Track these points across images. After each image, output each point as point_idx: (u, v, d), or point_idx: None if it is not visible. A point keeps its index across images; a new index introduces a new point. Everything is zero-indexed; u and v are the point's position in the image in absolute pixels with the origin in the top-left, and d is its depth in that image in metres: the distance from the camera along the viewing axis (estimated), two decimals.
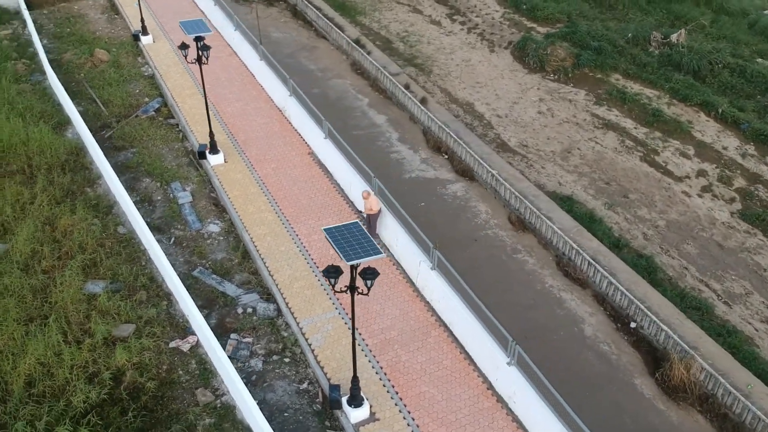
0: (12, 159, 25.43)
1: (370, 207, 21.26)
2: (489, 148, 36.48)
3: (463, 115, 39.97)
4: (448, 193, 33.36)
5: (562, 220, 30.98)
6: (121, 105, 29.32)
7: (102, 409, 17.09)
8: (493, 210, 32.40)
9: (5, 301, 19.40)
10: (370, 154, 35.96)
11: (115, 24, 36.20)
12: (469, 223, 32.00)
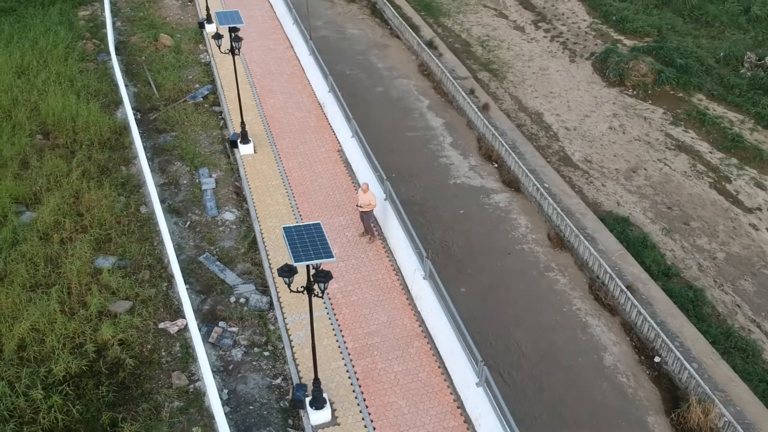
0: (59, 133, 26.77)
1: (368, 201, 21.00)
2: (543, 161, 35.49)
3: (529, 125, 39.06)
4: (491, 203, 32.70)
5: (606, 242, 29.79)
6: (173, 89, 30.31)
7: (80, 380, 17.71)
8: (533, 224, 31.54)
9: (17, 266, 20.42)
10: (419, 157, 35.67)
11: (186, 11, 37.46)
12: (506, 235, 31.26)
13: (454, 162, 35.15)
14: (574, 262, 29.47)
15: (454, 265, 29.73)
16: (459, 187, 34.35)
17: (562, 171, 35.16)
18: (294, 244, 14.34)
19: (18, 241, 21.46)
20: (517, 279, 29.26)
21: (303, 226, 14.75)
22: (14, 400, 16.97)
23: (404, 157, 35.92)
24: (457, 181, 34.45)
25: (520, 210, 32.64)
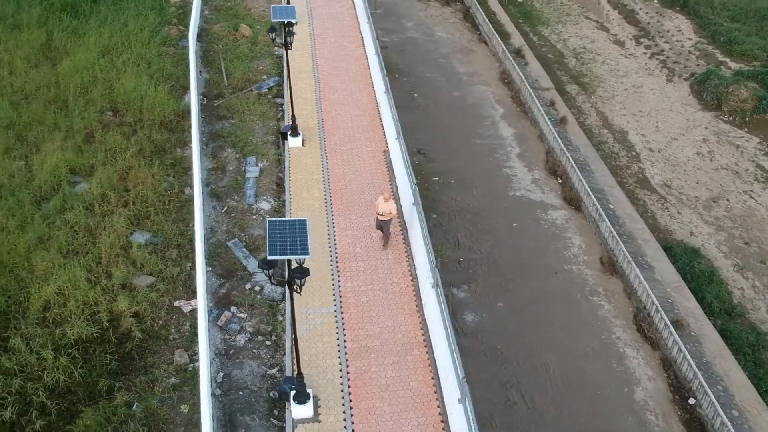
0: (127, 111, 28.25)
1: (389, 210, 20.83)
2: (613, 181, 34.40)
3: (611, 143, 37.89)
4: (547, 219, 31.97)
5: (663, 272, 28.62)
6: (241, 78, 31.30)
7: (89, 345, 18.69)
8: (587, 246, 30.61)
9: (59, 232, 21.76)
10: (482, 165, 35.24)
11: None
12: (557, 253, 30.50)
13: (517, 174, 34.49)
14: (623, 289, 28.39)
15: (496, 278, 29.18)
16: (517, 199, 33.67)
17: (637, 194, 33.86)
18: (274, 238, 14.53)
19: (65, 209, 22.80)
20: (559, 300, 28.41)
21: (288, 221, 14.93)
22: (26, 357, 18.08)
23: (468, 164, 35.54)
24: (517, 193, 33.78)
25: (576, 229, 31.69)
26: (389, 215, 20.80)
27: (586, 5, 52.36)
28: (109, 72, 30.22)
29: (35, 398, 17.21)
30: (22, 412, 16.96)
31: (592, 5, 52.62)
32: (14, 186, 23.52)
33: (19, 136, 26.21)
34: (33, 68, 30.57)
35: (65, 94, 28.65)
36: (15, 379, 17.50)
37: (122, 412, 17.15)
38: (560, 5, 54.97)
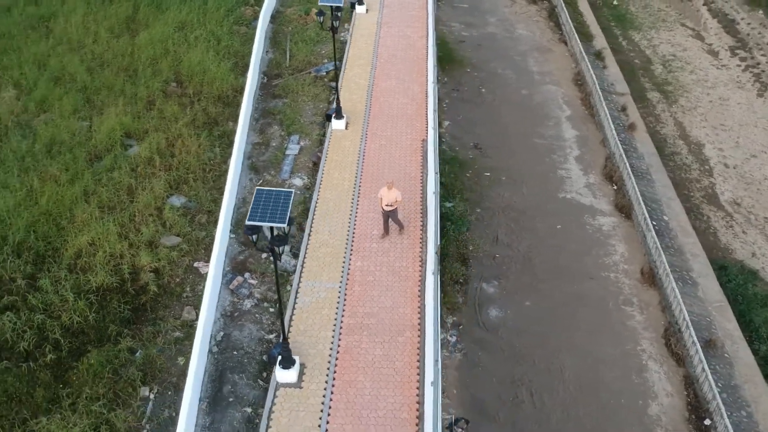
0: (190, 84, 29.92)
1: (394, 198, 20.98)
2: (674, 193, 33.67)
3: (684, 155, 36.98)
4: (594, 225, 31.60)
5: (708, 290, 28.00)
6: (303, 61, 32.43)
7: (108, 293, 20.23)
8: (630, 255, 30.12)
9: (103, 189, 23.52)
10: (537, 165, 35.05)
11: None
12: (597, 259, 30.16)
13: (571, 176, 34.11)
14: (658, 302, 27.80)
15: (529, 278, 29.10)
16: (566, 202, 33.29)
17: (702, 209, 32.94)
18: (257, 205, 15.37)
19: (114, 168, 24.56)
20: (589, 305, 28.08)
21: (275, 191, 15.71)
22: (51, 297, 19.78)
23: (523, 162, 35.38)
24: (567, 195, 33.43)
25: (621, 237, 31.14)
26: (395, 203, 21.01)
27: (684, 12, 50.56)
28: (180, 46, 31.99)
29: (51, 334, 18.80)
30: (38, 345, 18.57)
31: (691, 12, 50.77)
32: (73, 143, 25.45)
33: (88, 99, 28.28)
34: (114, 38, 32.75)
35: (136, 64, 30.60)
36: (37, 316, 19.16)
37: (124, 356, 18.47)
38: (657, 10, 53.36)
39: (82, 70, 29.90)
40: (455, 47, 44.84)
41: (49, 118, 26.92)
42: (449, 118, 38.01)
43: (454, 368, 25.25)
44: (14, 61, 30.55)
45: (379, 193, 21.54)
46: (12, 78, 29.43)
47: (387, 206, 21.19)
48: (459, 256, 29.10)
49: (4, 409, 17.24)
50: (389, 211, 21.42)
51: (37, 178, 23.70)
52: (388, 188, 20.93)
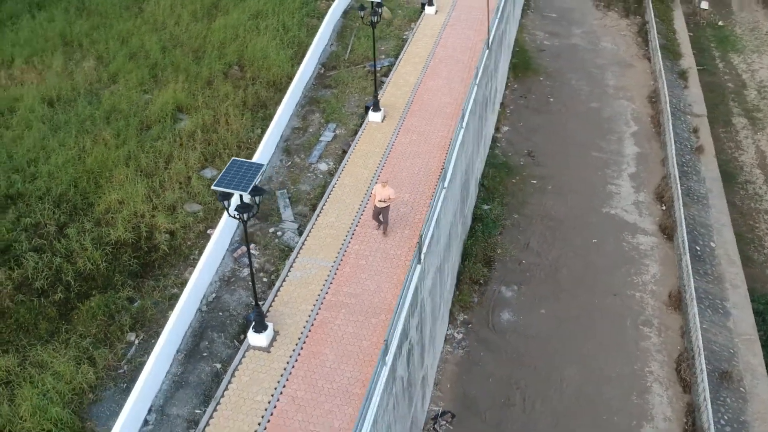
0: (250, 68, 31.89)
1: (387, 195, 21.20)
2: (728, 219, 32.85)
3: (759, 184, 36.14)
4: (631, 242, 31.31)
5: (741, 321, 27.59)
6: (361, 56, 33.71)
7: (122, 247, 22.28)
8: (662, 276, 29.77)
9: (143, 155, 25.74)
10: (588, 178, 34.81)
11: None
12: (626, 277, 29.94)
13: (621, 192, 33.79)
14: (680, 327, 27.40)
15: (550, 287, 29.17)
16: (609, 217, 32.94)
17: (765, 241, 32.08)
18: (228, 174, 16.71)
19: (159, 138, 26.75)
20: (606, 321, 27.91)
21: (247, 163, 17.00)
22: (73, 244, 22.01)
23: (573, 174, 35.18)
24: (612, 211, 33.13)
25: (658, 258, 30.66)
26: (388, 200, 21.46)
27: None
28: (250, 33, 34.03)
29: (65, 276, 20.96)
30: (52, 284, 20.78)
31: None
32: (130, 113, 27.87)
33: (155, 75, 30.75)
34: (195, 22, 35.25)
35: (206, 46, 32.86)
36: (57, 259, 21.39)
37: (122, 303, 20.35)
38: (764, 34, 51.13)
39: (156, 48, 32.45)
40: (534, 55, 44.78)
41: (116, 89, 29.48)
42: (510, 124, 38.19)
43: (454, 363, 25.78)
44: (102, 36, 33.57)
45: (373, 189, 21.87)
46: (96, 51, 32.39)
47: (380, 202, 21.43)
48: (484, 257, 29.43)
49: (13, 336, 19.42)
50: (381, 208, 21.71)
51: (90, 141, 26.13)
52: (382, 186, 21.19)
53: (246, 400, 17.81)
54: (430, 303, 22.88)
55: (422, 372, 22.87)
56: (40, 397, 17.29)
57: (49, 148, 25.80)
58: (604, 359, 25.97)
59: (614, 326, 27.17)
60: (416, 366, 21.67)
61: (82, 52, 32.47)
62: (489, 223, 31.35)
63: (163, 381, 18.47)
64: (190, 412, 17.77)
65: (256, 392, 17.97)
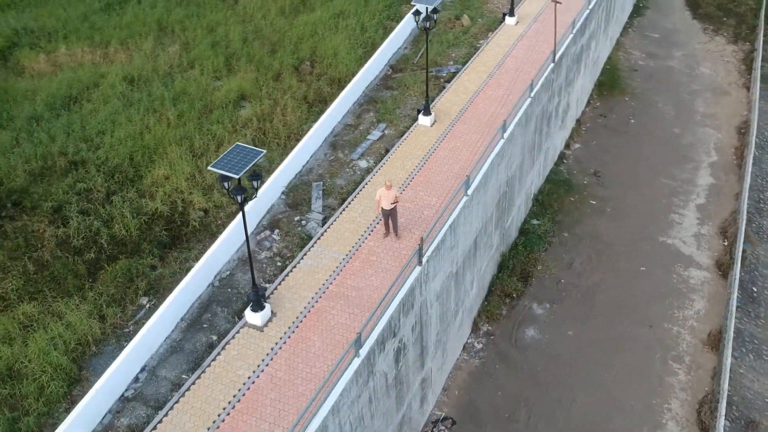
0: (319, 63, 33.22)
1: (393, 198, 21.38)
2: None
3: None
4: (682, 275, 30.43)
5: None
6: (431, 60, 34.23)
7: (156, 219, 24.06)
8: (706, 314, 28.91)
9: (198, 135, 27.52)
10: (651, 204, 33.84)
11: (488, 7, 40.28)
12: (667, 310, 29.18)
13: (683, 222, 32.75)
14: (712, 368, 26.54)
15: (584, 309, 28.70)
16: (664, 246, 31.97)
17: None
18: (227, 157, 17.87)
19: (217, 122, 28.48)
20: (634, 351, 27.28)
21: (248, 149, 18.10)
22: (114, 210, 23.98)
23: (637, 199, 34.23)
24: (668, 240, 32.17)
25: (706, 295, 29.61)
26: (396, 201, 21.55)
27: None
28: (328, 30, 35.32)
29: (99, 239, 22.89)
30: (87, 244, 22.76)
31: None
32: (196, 97, 29.79)
33: (230, 64, 32.63)
34: (280, 17, 37.01)
35: (284, 41, 34.46)
36: (97, 222, 23.39)
37: (143, 270, 22.00)
38: None
39: (238, 39, 34.37)
40: (624, 75, 43.66)
41: (191, 74, 31.54)
42: (582, 141, 37.56)
43: (467, 372, 25.91)
44: (193, 24, 35.91)
45: (377, 194, 21.79)
46: (185, 37, 34.68)
47: (390, 205, 21.61)
48: (521, 271, 29.28)
49: (46, 287, 21.45)
50: (389, 211, 21.93)
51: (155, 119, 28.19)
52: (387, 188, 21.43)
53: (229, 372, 18.82)
54: (437, 307, 23.08)
55: (422, 374, 23.10)
56: (48, 342, 18.97)
57: (117, 122, 27.98)
58: (622, 389, 25.24)
59: (641, 357, 26.31)
60: (411, 367, 21.96)
61: (171, 38, 34.80)
62: (534, 238, 31.01)
63: (161, 344, 19.83)
64: (177, 376, 18.99)
65: (240, 366, 18.96)
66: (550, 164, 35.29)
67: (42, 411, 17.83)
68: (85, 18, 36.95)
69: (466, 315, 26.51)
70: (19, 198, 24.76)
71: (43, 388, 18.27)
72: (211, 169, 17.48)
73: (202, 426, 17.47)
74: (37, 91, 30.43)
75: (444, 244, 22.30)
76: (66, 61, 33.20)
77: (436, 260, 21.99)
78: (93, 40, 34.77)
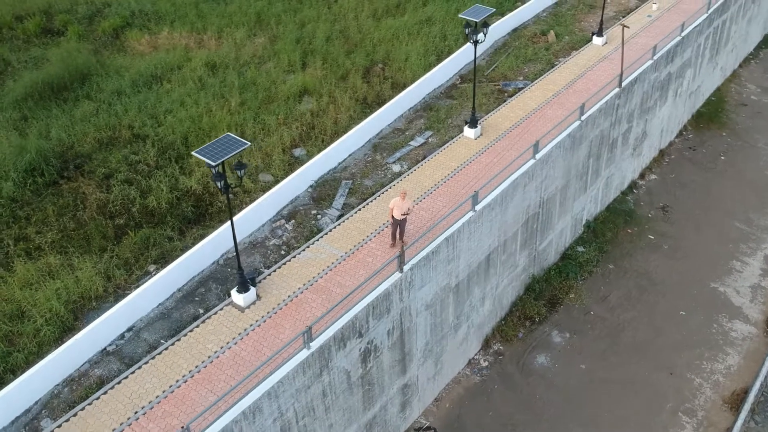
0: (390, 67, 34.14)
1: (407, 208, 21.63)
2: None
3: None
4: (723, 325, 29.19)
5: None
6: (501, 74, 34.15)
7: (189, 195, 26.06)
8: (738, 370, 27.94)
9: (251, 124, 29.35)
10: (712, 247, 32.36)
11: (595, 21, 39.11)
12: (695, 359, 28.19)
13: (743, 271, 31.16)
14: (724, 429, 25.30)
15: (605, 345, 28.02)
16: (714, 293, 30.48)
17: None
18: (214, 145, 19.27)
19: (274, 113, 30.19)
20: (644, 396, 26.47)
21: (235, 140, 19.39)
22: (153, 184, 26.22)
23: (701, 238, 32.67)
24: (721, 287, 30.67)
25: (743, 351, 28.20)
26: (408, 212, 21.78)
27: None
28: (411, 36, 36.09)
29: (132, 207, 25.20)
30: (121, 211, 25.10)
31: None
32: (262, 88, 31.65)
33: (305, 60, 34.29)
34: (370, 19, 38.24)
35: (365, 42, 35.64)
36: (134, 192, 25.72)
37: (160, 240, 23.99)
38: None
39: (321, 37, 35.92)
40: (729, 108, 41.34)
41: (267, 67, 33.47)
42: (660, 173, 36.21)
43: (465, 387, 26.11)
44: (287, 20, 37.91)
45: (391, 203, 22.22)
46: (276, 31, 36.74)
47: (402, 215, 21.86)
48: (550, 297, 28.90)
49: (75, 244, 23.93)
50: (400, 221, 22.17)
51: (218, 104, 30.30)
52: (402, 198, 21.75)
53: (199, 344, 20.25)
54: (428, 317, 23.30)
55: (403, 380, 23.43)
56: (53, 292, 21.26)
57: (185, 104, 30.30)
58: None
59: (650, 404, 25.21)
60: (386, 370, 22.38)
61: (264, 30, 36.90)
62: (571, 265, 30.24)
63: (153, 309, 21.59)
64: (156, 340, 20.67)
65: (211, 341, 20.33)
66: (613, 192, 34.01)
67: (32, 350, 19.98)
68: (195, 5, 39.89)
69: (474, 331, 26.40)
70: (81, 162, 27.50)
71: (39, 331, 20.40)
72: (194, 154, 18.80)
73: (160, 388, 18.91)
74: (129, 68, 33.38)
75: (437, 256, 22.47)
76: (164, 43, 36.13)
77: (424, 270, 22.22)
78: (194, 26, 37.51)
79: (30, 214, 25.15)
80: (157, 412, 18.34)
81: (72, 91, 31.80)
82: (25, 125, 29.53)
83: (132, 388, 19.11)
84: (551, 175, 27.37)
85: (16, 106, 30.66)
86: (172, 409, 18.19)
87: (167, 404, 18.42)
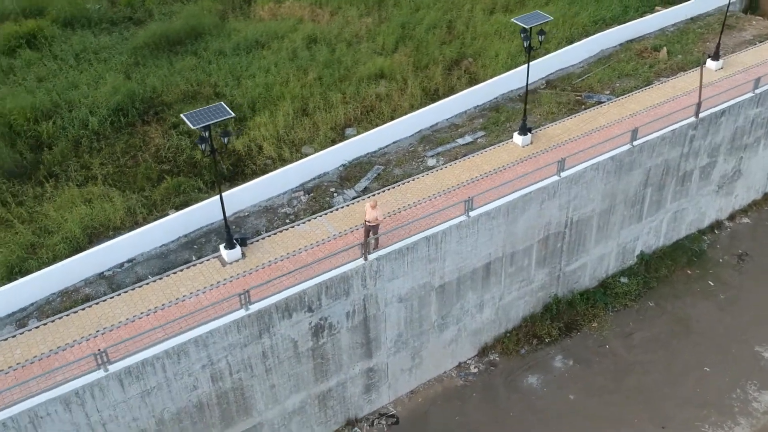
0: (476, 62, 34.26)
1: (376, 217, 22.01)
2: None
3: None
4: (748, 393, 28.25)
5: None
6: (589, 85, 32.92)
7: (232, 154, 28.48)
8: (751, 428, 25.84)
9: (312, 99, 31.12)
10: None
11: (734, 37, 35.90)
12: (697, 419, 26.99)
13: None
14: None
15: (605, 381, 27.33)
16: (755, 357, 28.82)
17: None
18: (203, 112, 21.22)
19: (345, 92, 31.72)
20: None
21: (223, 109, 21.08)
22: None
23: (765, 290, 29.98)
24: (765, 353, 28.46)
25: (757, 425, 26.83)
26: (375, 221, 22.14)
27: None
28: (513, 33, 35.72)
29: (179, 157, 28.04)
30: (170, 158, 28.06)
31: None
32: (344, 66, 33.19)
33: (397, 45, 35.26)
34: (482, 13, 38.29)
35: (464, 35, 35.90)
36: (185, 144, 28.54)
37: (189, 190, 26.58)
38: None
39: (425, 25, 36.67)
40: None
41: (360, 47, 34.93)
42: (755, 218, 33.80)
43: (444, 386, 26.72)
44: (405, 3, 39.02)
45: (365, 208, 22.77)
46: (387, 13, 38.01)
47: (369, 222, 22.30)
48: (568, 321, 28.37)
49: (126, 180, 27.18)
50: (371, 227, 22.51)
51: (295, 77, 32.34)
52: (372, 207, 22.16)
53: (173, 286, 22.54)
54: (401, 310, 23.78)
55: (368, 363, 24.21)
56: (79, 216, 24.55)
57: (269, 72, 32.61)
58: None
59: None
60: (343, 349, 23.29)
61: (378, 12, 38.17)
62: (600, 294, 28.97)
63: (156, 248, 24.18)
64: (144, 275, 23.27)
65: (184, 285, 22.54)
66: (685, 228, 31.62)
67: (46, 261, 23.33)
68: None
69: (467, 335, 26.36)
70: (162, 109, 30.74)
71: (56, 246, 23.74)
72: (182, 116, 20.78)
73: (125, 315, 21.38)
74: (240, 32, 36.30)
75: (414, 253, 22.84)
76: (284, 13, 38.73)
77: (396, 264, 22.71)
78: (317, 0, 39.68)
79: (102, 147, 28.62)
80: (113, 335, 20.72)
81: (183, 46, 35.15)
82: (134, 70, 33.27)
83: (105, 311, 21.67)
84: (583, 195, 26.23)
85: (133, 53, 34.54)
86: (124, 335, 20.41)
87: (123, 330, 20.70)
